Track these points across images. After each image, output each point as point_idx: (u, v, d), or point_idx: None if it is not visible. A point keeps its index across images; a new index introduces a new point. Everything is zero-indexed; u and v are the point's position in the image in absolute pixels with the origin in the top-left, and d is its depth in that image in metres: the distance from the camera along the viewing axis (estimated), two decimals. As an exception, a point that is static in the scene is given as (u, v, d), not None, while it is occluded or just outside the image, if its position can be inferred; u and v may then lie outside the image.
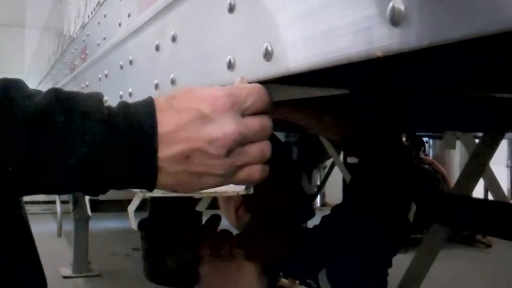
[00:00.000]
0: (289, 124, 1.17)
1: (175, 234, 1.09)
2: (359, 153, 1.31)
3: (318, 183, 6.37)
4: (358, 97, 0.81)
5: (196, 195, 0.64)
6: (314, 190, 5.89)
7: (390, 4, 0.43)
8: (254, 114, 0.62)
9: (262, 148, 0.63)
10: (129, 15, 1.31)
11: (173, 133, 0.59)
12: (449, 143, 4.46)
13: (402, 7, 0.43)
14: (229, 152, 0.60)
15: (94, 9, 1.88)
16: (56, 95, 0.59)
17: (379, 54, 0.45)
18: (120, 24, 1.41)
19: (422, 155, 7.10)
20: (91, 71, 1.88)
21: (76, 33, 2.42)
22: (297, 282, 1.14)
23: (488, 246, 6.86)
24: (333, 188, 7.23)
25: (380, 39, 0.45)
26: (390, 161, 1.22)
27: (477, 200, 2.74)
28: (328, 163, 5.83)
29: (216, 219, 1.17)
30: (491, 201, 2.82)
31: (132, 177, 0.60)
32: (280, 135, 4.03)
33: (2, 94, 0.57)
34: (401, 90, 0.85)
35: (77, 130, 0.57)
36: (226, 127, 0.59)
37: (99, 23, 1.78)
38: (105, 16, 1.69)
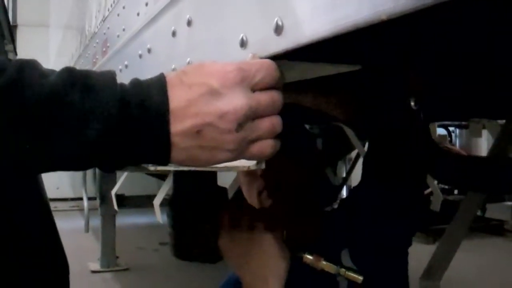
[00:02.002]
0: (297, 107, 1.17)
1: (200, 211, 1.10)
2: (366, 130, 1.32)
3: (344, 175, 6.34)
4: (364, 74, 0.81)
5: (207, 170, 0.64)
6: (340, 182, 5.87)
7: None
8: (264, 89, 0.63)
9: (273, 122, 0.63)
10: (146, 4, 1.32)
11: (184, 109, 0.60)
12: (475, 132, 4.40)
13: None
14: (240, 126, 0.60)
15: (114, 2, 1.90)
16: (70, 73, 0.59)
17: (384, 17, 0.45)
18: (138, 14, 1.42)
19: (448, 145, 7.05)
20: (112, 63, 1.89)
21: (97, 27, 2.44)
22: (322, 259, 1.13)
23: (518, 235, 6.79)
24: (359, 179, 7.17)
25: (384, 2, 0.45)
26: (398, 134, 1.22)
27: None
28: (354, 154, 5.80)
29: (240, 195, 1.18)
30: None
31: (145, 152, 0.60)
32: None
33: (17, 74, 0.58)
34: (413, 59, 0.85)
35: (91, 107, 0.58)
36: (236, 102, 0.60)
37: (118, 15, 1.79)
38: (124, 7, 1.70)
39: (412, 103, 1.16)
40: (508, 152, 2.48)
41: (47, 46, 8.37)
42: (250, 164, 0.67)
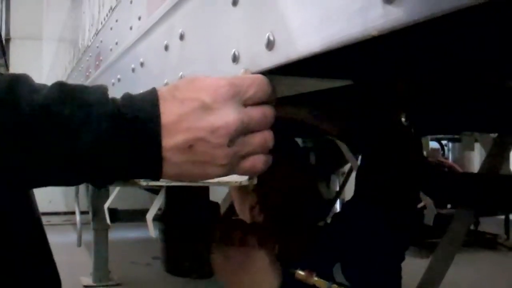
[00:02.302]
0: (288, 120, 1.18)
1: (192, 226, 1.10)
2: (358, 145, 1.32)
3: (337, 189, 6.33)
4: (355, 89, 0.82)
5: (199, 185, 0.64)
6: (333, 196, 5.87)
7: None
8: (256, 104, 0.63)
9: (265, 137, 0.63)
10: (139, 18, 1.33)
11: (176, 123, 0.59)
12: (467, 145, 4.43)
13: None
14: (232, 141, 0.60)
15: (107, 15, 1.90)
16: (61, 88, 0.59)
17: (375, 33, 0.45)
18: (131, 28, 1.42)
19: (441, 158, 7.07)
20: (105, 76, 1.89)
21: (91, 41, 2.45)
22: (314, 274, 1.13)
23: (511, 249, 6.79)
24: (352, 193, 7.16)
25: (374, 18, 0.45)
26: (390, 149, 1.23)
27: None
28: (347, 168, 5.80)
29: (232, 210, 1.18)
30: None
31: (137, 167, 0.60)
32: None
33: (8, 88, 0.58)
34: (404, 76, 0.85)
35: (83, 121, 0.57)
36: (227, 116, 0.59)
37: (111, 29, 1.79)
38: (117, 21, 1.70)
39: (403, 119, 1.16)
40: (500, 167, 2.49)
41: (40, 59, 8.37)
42: (242, 179, 0.67)
